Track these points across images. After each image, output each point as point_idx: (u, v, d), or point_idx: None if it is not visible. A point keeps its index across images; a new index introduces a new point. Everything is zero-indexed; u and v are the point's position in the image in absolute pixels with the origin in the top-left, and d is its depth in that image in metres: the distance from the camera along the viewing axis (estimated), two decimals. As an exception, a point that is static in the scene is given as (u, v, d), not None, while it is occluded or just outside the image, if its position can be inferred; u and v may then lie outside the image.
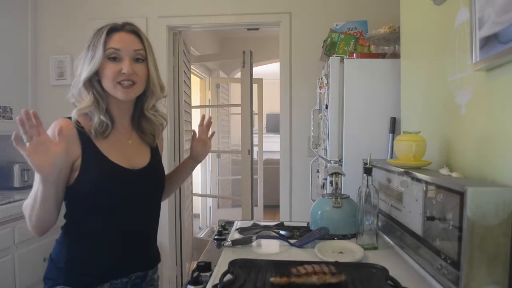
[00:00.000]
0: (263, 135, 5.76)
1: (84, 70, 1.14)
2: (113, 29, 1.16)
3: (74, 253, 1.15)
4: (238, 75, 4.37)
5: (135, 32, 1.19)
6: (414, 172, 1.14)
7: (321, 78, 2.18)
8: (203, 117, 1.40)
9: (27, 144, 0.93)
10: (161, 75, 1.24)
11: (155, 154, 1.30)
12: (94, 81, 1.15)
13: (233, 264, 1.04)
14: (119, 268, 1.19)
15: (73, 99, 1.18)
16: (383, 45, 1.96)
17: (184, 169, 1.45)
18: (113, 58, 1.13)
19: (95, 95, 1.15)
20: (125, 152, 1.20)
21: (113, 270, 1.18)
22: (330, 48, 2.19)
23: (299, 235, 1.41)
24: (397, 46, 1.87)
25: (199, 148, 1.39)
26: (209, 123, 1.41)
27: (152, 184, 1.26)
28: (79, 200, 1.14)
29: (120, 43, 1.14)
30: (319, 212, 1.43)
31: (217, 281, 0.95)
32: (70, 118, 1.15)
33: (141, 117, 1.26)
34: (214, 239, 1.43)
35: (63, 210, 1.16)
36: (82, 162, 1.11)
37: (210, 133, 1.41)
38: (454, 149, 1.22)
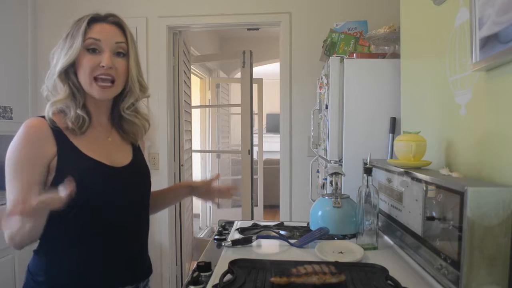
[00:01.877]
0: (263, 135, 5.76)
1: (60, 61, 1.05)
2: (94, 19, 1.08)
3: (55, 265, 1.06)
4: (238, 75, 4.37)
5: (118, 24, 1.11)
6: (414, 172, 1.14)
7: (321, 78, 2.18)
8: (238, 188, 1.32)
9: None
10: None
11: (138, 153, 1.22)
12: (70, 73, 1.06)
13: (233, 264, 1.04)
14: (108, 279, 1.08)
15: (47, 92, 1.09)
16: (383, 45, 1.96)
17: (174, 196, 1.39)
18: (92, 49, 1.05)
19: (71, 87, 1.06)
20: (104, 149, 1.12)
21: (101, 282, 1.08)
22: (330, 48, 2.19)
23: (299, 235, 1.41)
24: (397, 46, 1.87)
25: (210, 195, 1.33)
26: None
27: (137, 183, 1.17)
28: None
29: (101, 34, 1.07)
30: (319, 212, 1.43)
31: (217, 281, 0.95)
32: (43, 117, 1.06)
33: (121, 117, 1.17)
34: (214, 239, 1.43)
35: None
36: (58, 162, 1.02)
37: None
38: (454, 149, 1.22)
